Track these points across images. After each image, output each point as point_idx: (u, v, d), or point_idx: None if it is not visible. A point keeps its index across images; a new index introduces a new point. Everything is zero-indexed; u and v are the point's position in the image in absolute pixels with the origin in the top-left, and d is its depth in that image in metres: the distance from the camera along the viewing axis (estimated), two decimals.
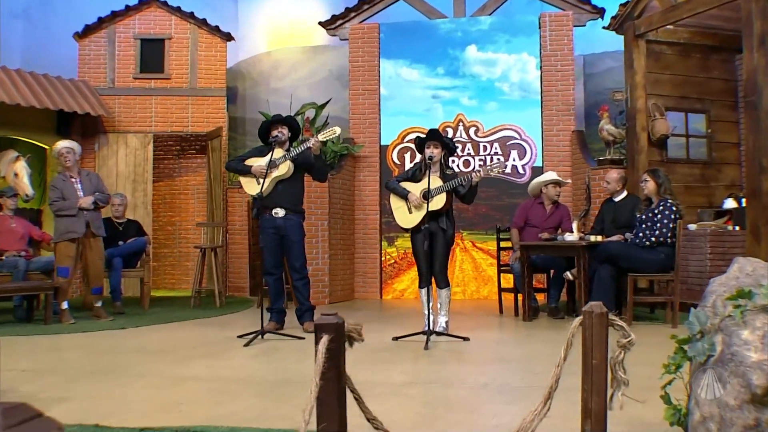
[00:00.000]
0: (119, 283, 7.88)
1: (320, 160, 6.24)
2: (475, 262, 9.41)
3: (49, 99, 8.99)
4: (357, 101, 9.93)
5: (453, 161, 9.23)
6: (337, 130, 6.13)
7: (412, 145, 9.50)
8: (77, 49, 10.19)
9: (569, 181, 8.33)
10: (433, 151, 5.99)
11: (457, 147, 6.39)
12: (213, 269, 8.65)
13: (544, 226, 7.30)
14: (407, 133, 9.72)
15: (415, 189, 6.01)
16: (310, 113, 10.10)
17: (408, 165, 9.39)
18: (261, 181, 6.03)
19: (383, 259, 9.68)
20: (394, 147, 9.71)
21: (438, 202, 5.88)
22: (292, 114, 10.09)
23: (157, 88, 10.29)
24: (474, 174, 5.77)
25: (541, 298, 7.58)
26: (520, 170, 9.40)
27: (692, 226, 7.64)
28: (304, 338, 5.70)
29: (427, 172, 5.93)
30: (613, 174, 7.08)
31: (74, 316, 7.10)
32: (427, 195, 5.80)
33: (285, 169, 6.09)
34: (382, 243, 9.68)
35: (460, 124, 9.58)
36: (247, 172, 6.21)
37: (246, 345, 5.37)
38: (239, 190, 8.94)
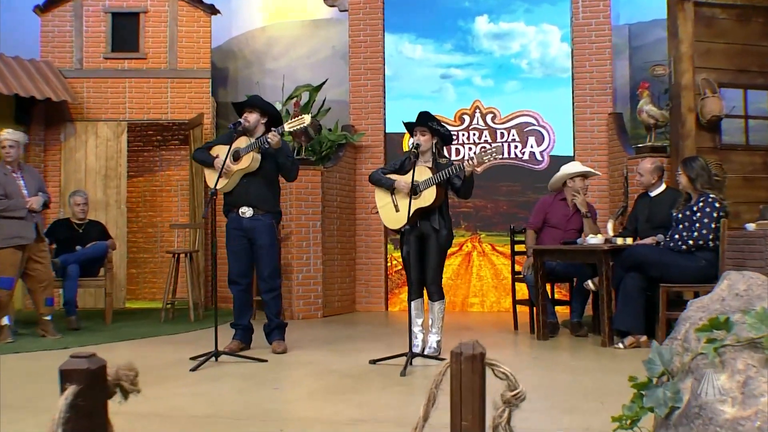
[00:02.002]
0: (75, 294, 7.66)
1: (283, 155, 5.92)
2: (495, 268, 9.01)
3: (3, 82, 8.82)
4: (358, 82, 9.60)
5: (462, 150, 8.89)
6: (307, 118, 5.81)
7: None
8: (39, 25, 10.01)
9: (599, 173, 7.87)
10: (420, 138, 5.65)
11: (453, 134, 6.00)
12: (188, 278, 8.38)
13: (566, 227, 6.89)
14: None
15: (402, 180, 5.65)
16: (306, 97, 9.81)
17: None
18: (221, 173, 5.73)
19: (389, 265, 9.33)
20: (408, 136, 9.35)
21: (427, 197, 5.52)
22: (283, 99, 9.90)
23: (132, 70, 10.08)
24: (466, 163, 5.39)
25: (566, 311, 7.17)
26: (538, 156, 9.03)
27: (750, 226, 7.10)
28: (266, 360, 5.43)
29: (415, 162, 5.59)
30: (647, 164, 6.63)
31: (21, 333, 6.92)
32: (412, 190, 5.43)
33: (248, 161, 5.79)
34: (388, 246, 9.34)
35: (477, 110, 9.21)
36: (210, 163, 5.93)
37: (193, 369, 5.10)
38: None
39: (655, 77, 7.99)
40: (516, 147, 9.06)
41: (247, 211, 5.87)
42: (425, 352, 5.57)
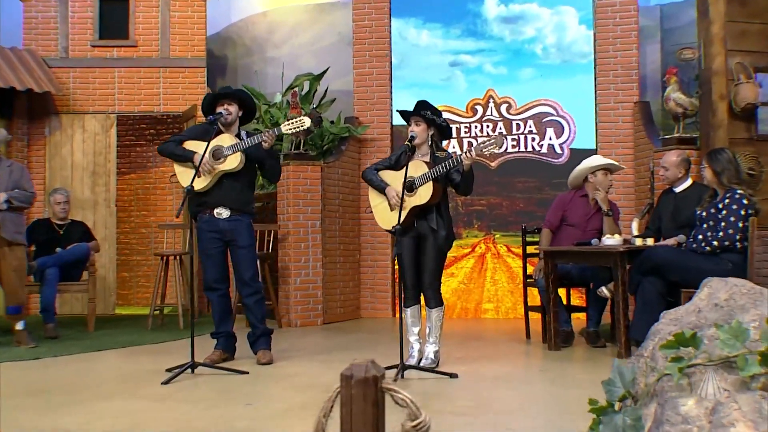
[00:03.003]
0: (53, 300, 7.60)
1: (272, 158, 5.83)
2: (510, 271, 8.84)
3: None
4: (362, 70, 9.47)
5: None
6: (306, 121, 5.70)
7: None
8: (21, 11, 9.97)
9: (624, 166, 7.66)
10: (415, 129, 5.50)
11: (450, 126, 5.85)
12: (176, 282, 8.30)
13: (586, 227, 6.71)
14: None
15: (397, 179, 5.51)
16: (307, 87, 9.71)
17: None
18: (201, 173, 5.62)
19: (396, 267, 9.18)
20: None
21: (423, 195, 5.38)
22: (283, 89, 9.81)
23: (121, 58, 10.03)
24: (464, 156, 5.23)
25: (584, 318, 6.99)
26: (558, 149, 8.86)
27: None
28: (247, 372, 5.32)
29: (410, 156, 5.46)
30: (672, 156, 6.43)
31: None
32: (405, 186, 5.29)
33: (235, 162, 5.68)
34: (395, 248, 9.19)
35: (491, 100, 9.05)
36: (188, 159, 5.80)
37: (164, 382, 4.99)
38: None
39: (683, 62, 7.80)
40: (533, 139, 8.89)
41: (223, 212, 5.75)
42: (421, 364, 5.44)
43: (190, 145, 5.82)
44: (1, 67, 9.12)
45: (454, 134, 9.02)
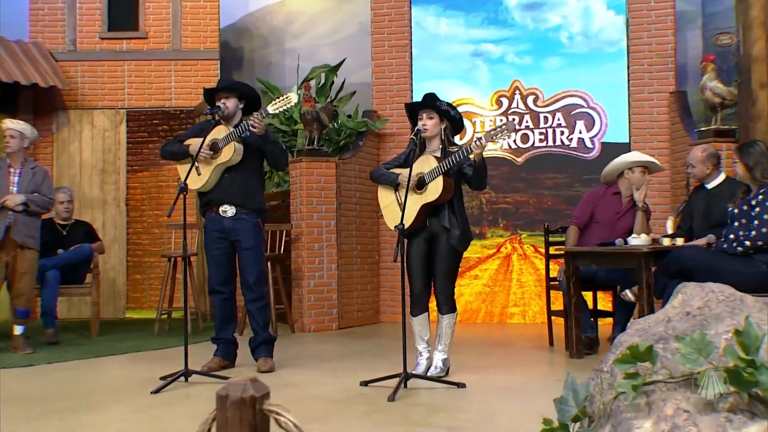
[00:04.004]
0: (53, 303, 7.59)
1: (269, 142, 5.72)
2: (537, 273, 8.67)
3: None
4: (381, 61, 9.37)
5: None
6: (293, 97, 5.60)
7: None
8: (27, 3, 10.01)
9: (664, 167, 7.44)
10: (426, 123, 5.39)
11: (464, 118, 5.72)
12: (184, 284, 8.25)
13: (615, 226, 6.54)
14: (456, 105, 9.04)
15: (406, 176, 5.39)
16: (323, 79, 9.64)
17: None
18: (195, 165, 5.58)
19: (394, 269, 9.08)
20: None
21: (433, 191, 5.26)
22: (299, 82, 9.74)
23: (131, 51, 10.03)
24: (474, 145, 5.08)
25: (611, 323, 6.83)
26: (588, 143, 8.68)
27: None
28: None
29: (416, 151, 5.38)
30: (697, 152, 6.23)
31: None
32: (409, 182, 5.15)
33: (229, 153, 5.63)
34: None
35: (517, 92, 8.89)
36: (185, 154, 5.78)
37: (154, 391, 4.94)
38: None
39: (721, 48, 7.60)
40: (562, 133, 8.73)
41: (228, 210, 5.71)
42: (429, 373, 5.33)
43: (190, 143, 5.79)
44: (5, 60, 9.16)
45: (478, 128, 8.89)
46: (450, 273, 5.44)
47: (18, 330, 6.86)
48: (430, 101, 5.40)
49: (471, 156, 5.13)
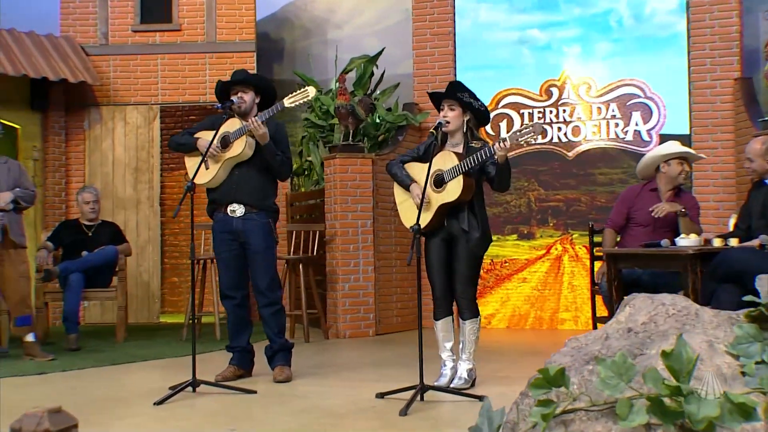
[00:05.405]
0: (76, 308, 7.63)
1: (270, 151, 5.56)
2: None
3: (10, 62, 8.95)
4: (423, 51, 9.24)
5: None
6: (311, 90, 5.51)
7: (510, 111, 8.83)
8: None
9: (703, 155, 7.20)
10: (448, 114, 5.25)
11: (488, 110, 5.54)
12: (213, 288, 8.26)
13: (657, 226, 6.29)
14: (502, 96, 8.95)
15: (425, 171, 5.22)
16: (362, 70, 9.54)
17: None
18: (204, 158, 5.51)
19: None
20: None
21: (452, 191, 5.11)
22: (337, 73, 9.65)
23: (164, 44, 10.09)
24: (497, 146, 4.93)
25: None
26: (645, 136, 8.43)
27: None
28: (255, 392, 5.16)
29: (439, 146, 5.23)
30: (756, 145, 5.94)
31: (11, 354, 6.94)
32: (427, 180, 5.01)
33: (240, 147, 5.55)
34: None
35: (568, 81, 8.68)
36: (192, 147, 5.73)
37: (157, 402, 4.89)
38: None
39: None
40: (617, 125, 8.49)
41: (237, 209, 5.64)
42: (453, 384, 5.18)
43: (199, 136, 5.74)
44: (34, 55, 9.28)
45: (525, 120, 8.70)
46: (471, 277, 5.34)
47: (30, 337, 6.76)
48: (452, 91, 5.24)
49: (495, 156, 4.98)
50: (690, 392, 1.35)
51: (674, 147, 6.53)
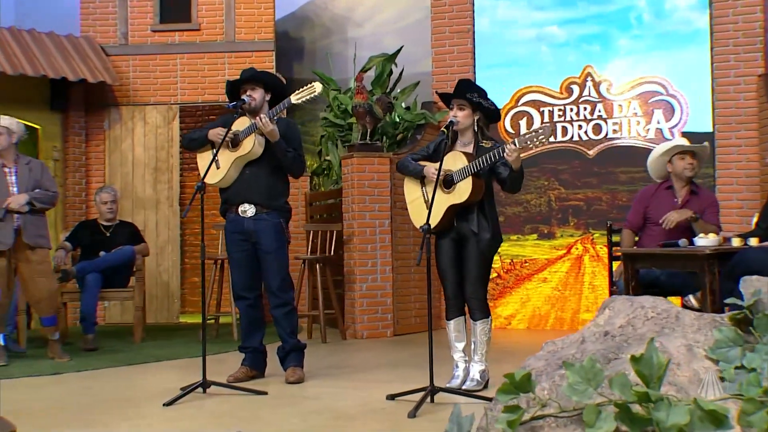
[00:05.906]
0: (93, 308, 7.67)
1: (281, 148, 5.55)
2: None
3: (29, 62, 9.01)
4: (442, 48, 9.21)
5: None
6: (318, 86, 5.48)
7: (529, 109, 8.77)
8: None
9: (706, 144, 7.06)
10: (457, 114, 5.22)
11: (499, 109, 5.48)
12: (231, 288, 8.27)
13: (674, 225, 6.21)
14: (522, 93, 8.88)
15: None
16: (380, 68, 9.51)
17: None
18: (215, 159, 5.50)
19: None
20: (506, 111, 8.84)
21: (462, 192, 5.08)
22: (356, 72, 9.62)
23: (183, 44, 10.12)
24: (507, 150, 4.87)
25: None
26: (667, 134, 8.34)
27: None
28: (266, 393, 5.15)
29: (449, 145, 5.21)
30: None
31: (30, 354, 6.99)
32: (437, 182, 4.97)
33: (249, 146, 5.54)
34: None
35: (589, 78, 8.61)
36: (203, 139, 5.73)
37: (167, 403, 4.90)
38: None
39: None
40: (638, 123, 8.41)
41: (248, 210, 5.63)
42: (465, 385, 5.15)
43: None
44: (54, 56, 9.34)
45: (546, 118, 8.63)
46: (481, 277, 5.31)
47: (54, 336, 6.88)
48: (460, 90, 5.21)
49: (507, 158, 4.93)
50: (659, 398, 1.31)
51: (667, 144, 6.47)
